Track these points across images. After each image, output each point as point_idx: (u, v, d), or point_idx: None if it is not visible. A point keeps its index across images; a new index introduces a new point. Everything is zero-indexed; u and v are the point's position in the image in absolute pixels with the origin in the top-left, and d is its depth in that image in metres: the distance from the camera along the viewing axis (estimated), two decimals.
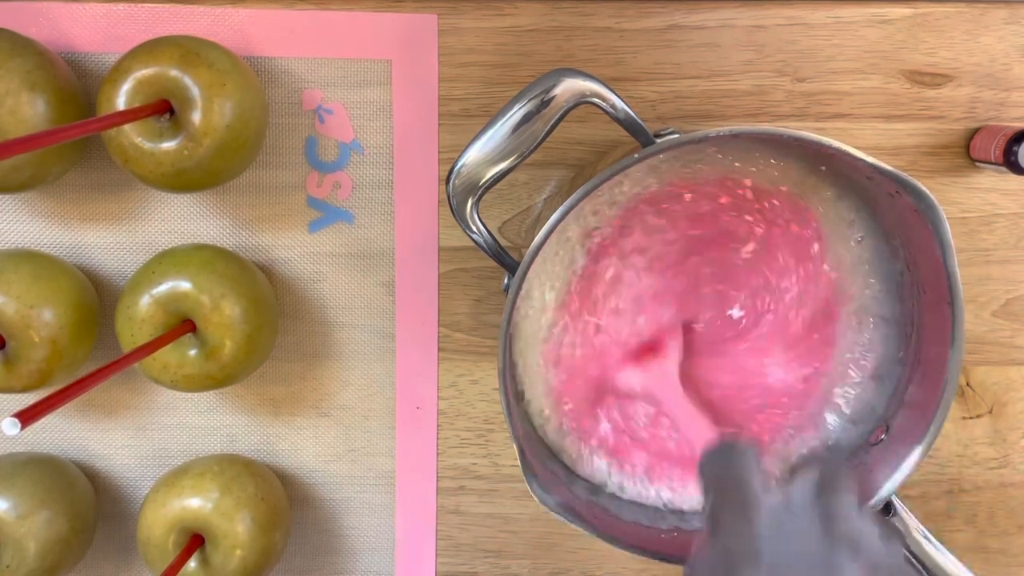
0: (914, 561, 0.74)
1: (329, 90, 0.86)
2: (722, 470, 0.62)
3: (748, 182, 0.79)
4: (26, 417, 0.56)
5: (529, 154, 0.70)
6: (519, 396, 0.82)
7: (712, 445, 0.64)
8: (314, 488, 0.92)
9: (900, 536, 0.62)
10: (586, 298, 0.80)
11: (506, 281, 0.73)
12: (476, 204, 0.71)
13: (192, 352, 0.79)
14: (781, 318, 0.82)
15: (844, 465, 0.64)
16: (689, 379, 0.82)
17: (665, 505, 0.84)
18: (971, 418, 0.91)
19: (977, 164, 0.86)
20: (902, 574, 0.55)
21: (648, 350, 0.81)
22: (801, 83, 0.86)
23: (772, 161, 0.78)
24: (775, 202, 0.79)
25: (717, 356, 0.83)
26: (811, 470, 0.61)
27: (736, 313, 0.82)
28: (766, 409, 0.83)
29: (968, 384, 0.91)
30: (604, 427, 0.83)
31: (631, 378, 0.80)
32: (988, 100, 0.86)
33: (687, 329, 0.82)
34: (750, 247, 0.80)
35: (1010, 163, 0.79)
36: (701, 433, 0.75)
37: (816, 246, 0.80)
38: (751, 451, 0.63)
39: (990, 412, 0.91)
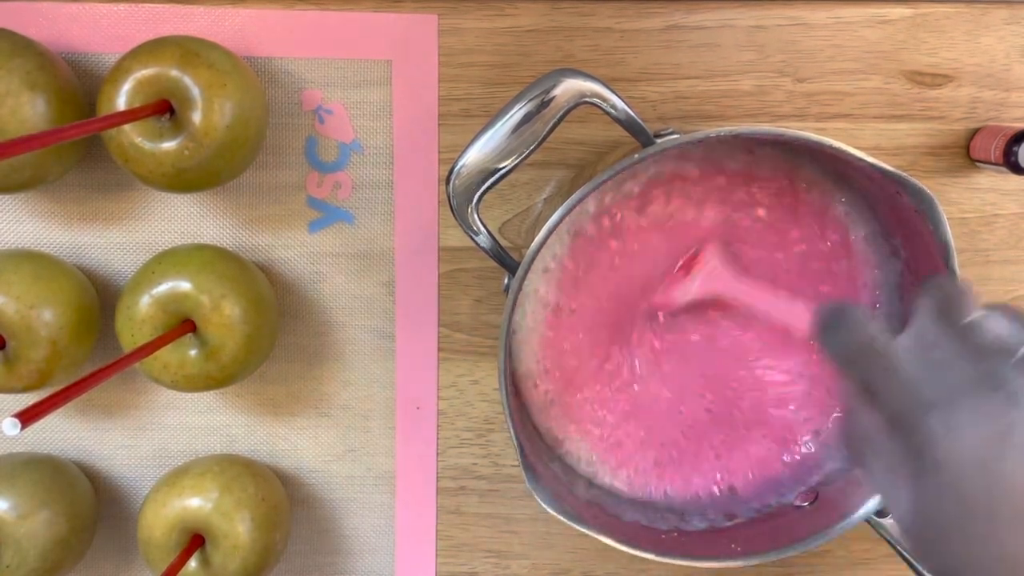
0: None
1: (329, 90, 0.86)
2: (846, 337, 0.59)
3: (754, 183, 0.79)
4: (26, 417, 0.56)
5: (529, 154, 0.70)
6: (519, 393, 0.83)
7: (824, 318, 0.61)
8: (314, 488, 0.92)
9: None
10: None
11: (506, 281, 0.73)
12: (476, 204, 0.71)
13: (192, 352, 0.79)
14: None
15: (952, 282, 0.63)
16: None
17: (665, 502, 0.84)
18: None
19: (977, 164, 0.86)
20: None
21: (687, 266, 0.80)
22: (801, 83, 0.86)
23: (776, 160, 0.78)
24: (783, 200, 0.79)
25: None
26: (926, 299, 0.59)
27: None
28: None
29: None
30: (605, 418, 0.84)
31: (686, 289, 0.80)
32: (988, 100, 0.86)
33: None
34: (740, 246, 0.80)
35: (1010, 163, 0.79)
36: (790, 309, 0.74)
37: (815, 245, 0.81)
38: (860, 309, 0.61)
39: None
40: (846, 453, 0.61)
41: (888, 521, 0.76)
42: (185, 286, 0.79)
